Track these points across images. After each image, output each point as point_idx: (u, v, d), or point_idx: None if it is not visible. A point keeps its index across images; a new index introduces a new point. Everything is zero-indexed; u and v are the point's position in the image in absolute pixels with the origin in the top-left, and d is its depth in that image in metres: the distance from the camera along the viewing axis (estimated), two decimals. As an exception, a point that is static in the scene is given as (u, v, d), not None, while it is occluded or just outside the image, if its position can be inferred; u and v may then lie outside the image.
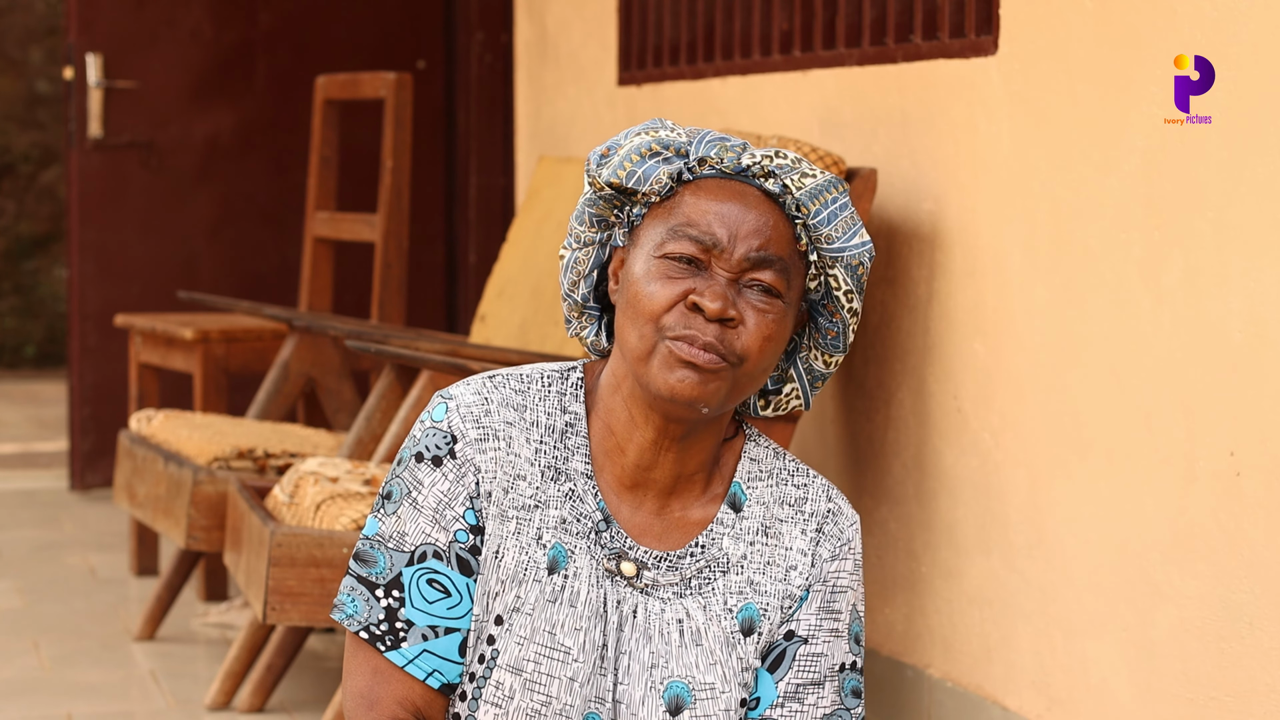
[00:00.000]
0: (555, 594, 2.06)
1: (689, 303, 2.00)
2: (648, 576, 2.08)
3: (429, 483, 2.07)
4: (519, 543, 2.06)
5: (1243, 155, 2.99)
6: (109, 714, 4.23)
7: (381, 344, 4.23)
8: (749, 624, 2.10)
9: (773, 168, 2.04)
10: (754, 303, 2.02)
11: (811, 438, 4.30)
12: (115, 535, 6.06)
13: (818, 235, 2.04)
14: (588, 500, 2.08)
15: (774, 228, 2.02)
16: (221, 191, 6.84)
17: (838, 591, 2.12)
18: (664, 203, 2.05)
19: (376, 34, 6.94)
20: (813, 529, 2.13)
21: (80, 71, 6.65)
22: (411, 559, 2.05)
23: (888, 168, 3.95)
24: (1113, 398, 3.30)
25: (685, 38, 4.96)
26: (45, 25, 10.65)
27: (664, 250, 2.02)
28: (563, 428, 2.10)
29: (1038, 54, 3.50)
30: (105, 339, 6.65)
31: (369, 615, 2.06)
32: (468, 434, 2.06)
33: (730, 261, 2.01)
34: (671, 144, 2.05)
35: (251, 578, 3.83)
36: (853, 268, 2.06)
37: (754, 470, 2.14)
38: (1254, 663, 2.99)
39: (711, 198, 2.03)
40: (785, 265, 2.03)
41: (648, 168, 2.04)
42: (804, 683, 2.11)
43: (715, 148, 2.04)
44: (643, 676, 2.07)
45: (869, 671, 4.08)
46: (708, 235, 2.01)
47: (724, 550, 2.10)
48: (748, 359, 2.02)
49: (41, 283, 10.80)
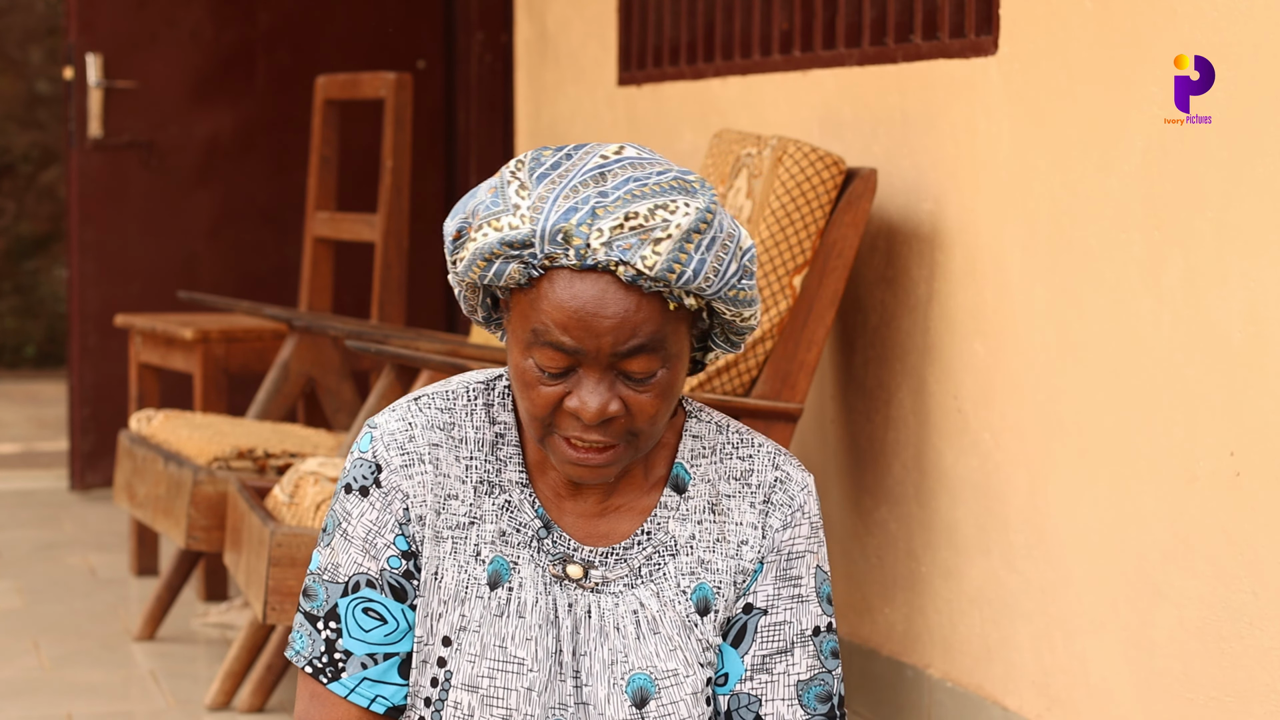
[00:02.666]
0: (501, 608, 2.05)
1: (566, 406, 1.97)
2: (596, 575, 2.07)
3: (357, 513, 2.07)
4: (456, 562, 2.05)
5: (1243, 155, 2.99)
6: (109, 714, 4.23)
7: (381, 344, 4.23)
8: (704, 604, 2.08)
9: (619, 257, 1.91)
10: (634, 389, 1.97)
11: (811, 438, 4.30)
12: (115, 535, 6.06)
13: (688, 290, 1.96)
14: (525, 509, 2.07)
15: (637, 311, 1.93)
16: (221, 191, 6.84)
17: (794, 558, 2.10)
18: (527, 293, 1.97)
19: (376, 34, 6.94)
20: (760, 500, 2.10)
21: (80, 71, 6.65)
22: (346, 589, 2.06)
23: (888, 168, 3.95)
24: (1113, 398, 3.30)
25: (685, 38, 4.95)
26: (45, 25, 10.65)
27: (531, 354, 1.97)
28: (493, 439, 2.08)
29: (1038, 54, 3.50)
30: (105, 339, 6.65)
31: (312, 649, 2.07)
32: (392, 461, 2.06)
33: (598, 361, 1.95)
34: (514, 240, 1.94)
35: (251, 578, 3.83)
36: (732, 297, 1.99)
37: (696, 448, 2.11)
38: (1254, 663, 2.99)
39: (566, 299, 1.93)
40: (658, 338, 1.95)
41: (498, 268, 1.96)
42: (770, 653, 2.09)
43: (559, 237, 1.92)
44: (604, 675, 2.06)
45: (869, 671, 4.08)
46: (569, 342, 1.94)
47: (670, 534, 2.09)
48: (641, 433, 1.99)
49: (41, 283, 10.80)
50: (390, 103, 5.31)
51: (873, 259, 4.02)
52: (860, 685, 4.12)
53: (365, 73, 5.49)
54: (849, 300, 4.10)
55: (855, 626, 4.16)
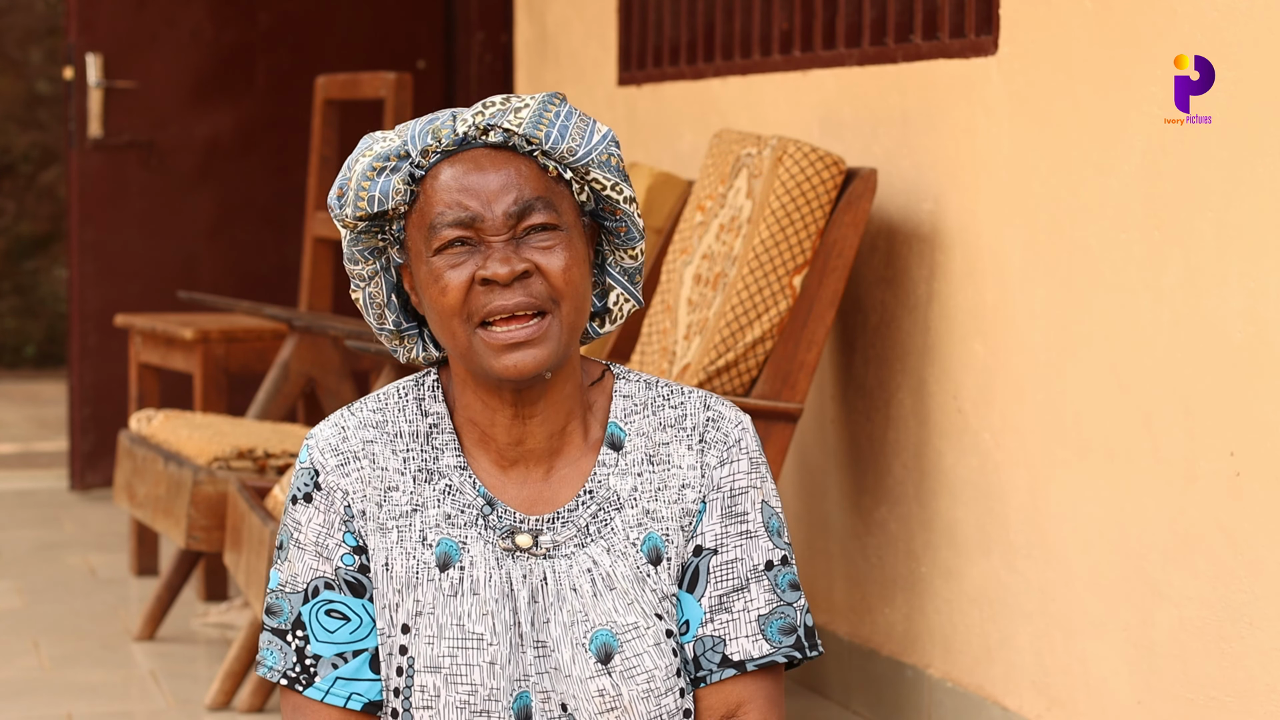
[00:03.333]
0: (455, 587, 2.08)
1: (478, 279, 2.03)
2: (545, 540, 2.10)
3: (305, 520, 2.12)
4: (404, 549, 2.09)
5: (1243, 155, 2.99)
6: (109, 714, 4.23)
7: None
8: (655, 553, 2.11)
9: (486, 123, 2.05)
10: (537, 245, 2.04)
11: (811, 438, 4.30)
12: (115, 535, 6.06)
13: (559, 154, 2.06)
14: (466, 490, 2.11)
15: (518, 173, 2.05)
16: (221, 191, 6.84)
17: (737, 494, 2.13)
18: (414, 208, 2.07)
19: (376, 34, 6.94)
20: (696, 441, 2.13)
21: (80, 71, 6.65)
22: (306, 596, 2.11)
23: (888, 168, 3.95)
24: (1113, 398, 3.30)
25: (685, 38, 4.96)
26: (45, 25, 10.65)
27: (434, 246, 2.05)
28: (427, 430, 2.13)
29: (1038, 54, 3.50)
30: (105, 339, 6.65)
31: (284, 662, 2.11)
32: (328, 464, 2.11)
33: (495, 225, 2.04)
34: (390, 154, 2.07)
35: (251, 578, 3.84)
36: (605, 163, 2.08)
37: (628, 406, 2.15)
38: (1254, 663, 2.99)
39: (451, 180, 2.05)
40: (546, 199, 2.05)
41: (381, 185, 2.06)
42: (726, 591, 2.11)
43: (427, 135, 2.06)
44: (567, 636, 2.08)
45: (869, 671, 4.08)
46: (463, 213, 2.04)
47: (612, 489, 2.12)
48: (560, 296, 2.05)
49: (41, 283, 10.80)
50: (390, 103, 5.31)
51: (873, 259, 4.02)
52: (860, 685, 4.12)
53: (365, 73, 5.50)
54: (849, 300, 4.10)
55: (855, 626, 4.16)
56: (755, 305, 3.77)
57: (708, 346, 3.81)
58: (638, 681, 2.07)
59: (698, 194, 4.10)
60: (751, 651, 2.10)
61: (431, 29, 7.02)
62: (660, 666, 2.08)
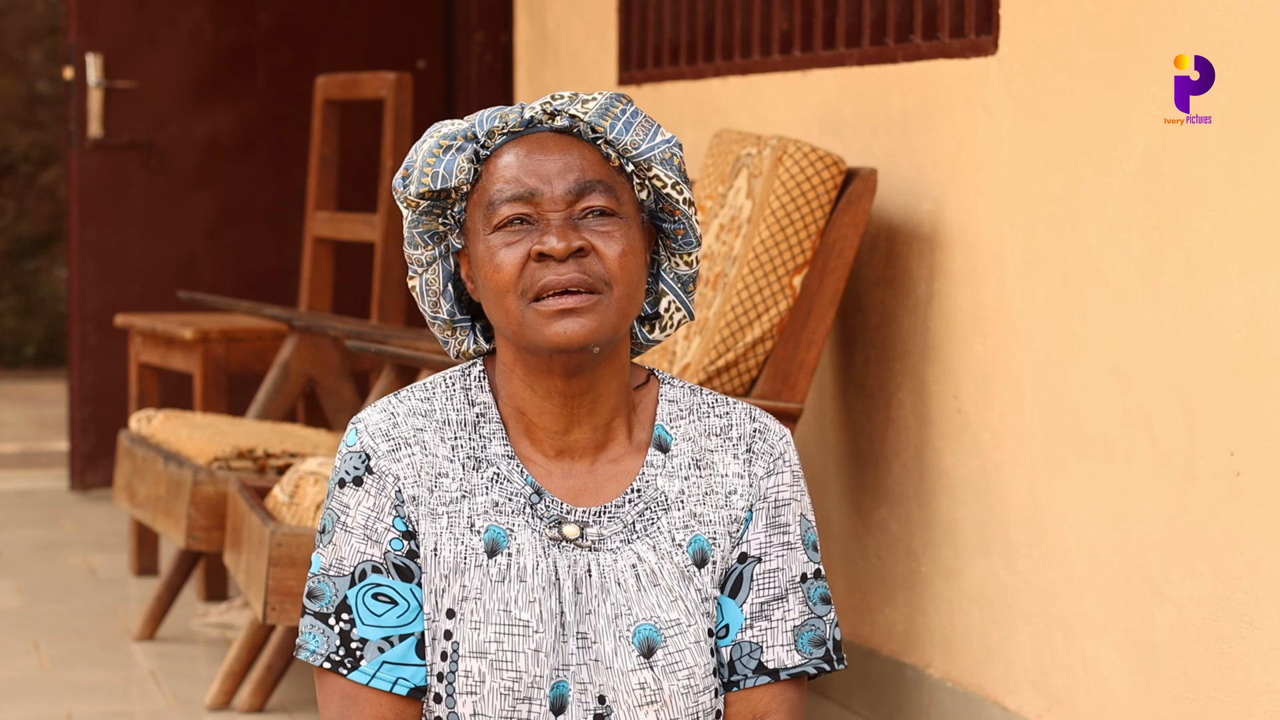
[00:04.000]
0: (502, 573, 2.10)
1: (535, 254, 2.06)
2: (592, 533, 2.12)
3: (354, 503, 2.12)
4: (453, 535, 2.11)
5: (1243, 155, 2.99)
6: (109, 714, 4.23)
7: (381, 344, 4.23)
8: (701, 555, 2.14)
9: (554, 109, 2.10)
10: (595, 229, 2.07)
11: (811, 438, 4.30)
12: (115, 535, 6.06)
13: (622, 147, 2.10)
14: (514, 479, 2.13)
15: (581, 157, 2.09)
16: (221, 191, 6.83)
17: (781, 505, 2.16)
18: (476, 187, 2.11)
19: (376, 34, 6.94)
20: (743, 450, 2.17)
21: (80, 71, 6.65)
22: (352, 580, 2.11)
23: (888, 168, 3.95)
24: (1113, 398, 3.30)
25: (685, 37, 4.96)
26: (45, 25, 10.65)
27: (493, 224, 2.08)
28: (474, 419, 2.15)
29: (1038, 54, 3.50)
30: (105, 339, 6.65)
31: (327, 646, 2.10)
32: (379, 448, 2.12)
33: (556, 201, 2.07)
34: (457, 133, 2.11)
35: (251, 578, 3.84)
36: (667, 160, 2.12)
37: (674, 410, 2.18)
38: (1254, 663, 2.99)
39: (514, 159, 2.09)
40: (607, 184, 2.09)
41: (446, 163, 2.10)
42: (767, 599, 2.15)
43: (495, 118, 2.11)
44: (610, 629, 2.10)
45: (869, 671, 4.08)
46: (523, 189, 2.07)
47: (660, 489, 2.15)
48: (614, 279, 2.07)
49: (41, 283, 10.80)
50: (390, 103, 5.31)
51: (873, 259, 4.02)
52: (860, 685, 4.12)
53: (365, 73, 5.49)
54: (849, 300, 4.10)
55: (855, 626, 4.16)
56: (755, 305, 3.78)
57: (708, 346, 3.81)
58: (679, 677, 2.10)
59: (698, 194, 4.10)
60: (785, 661, 2.14)
61: (431, 29, 7.02)
62: (700, 664, 2.11)
